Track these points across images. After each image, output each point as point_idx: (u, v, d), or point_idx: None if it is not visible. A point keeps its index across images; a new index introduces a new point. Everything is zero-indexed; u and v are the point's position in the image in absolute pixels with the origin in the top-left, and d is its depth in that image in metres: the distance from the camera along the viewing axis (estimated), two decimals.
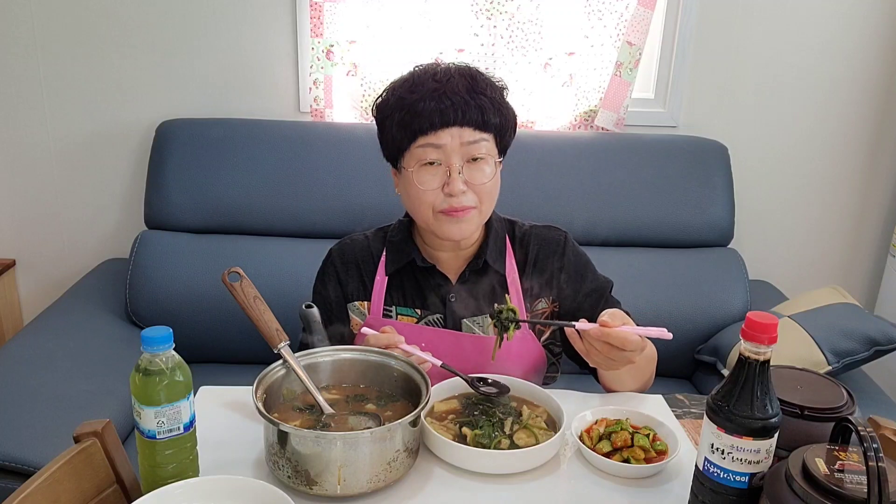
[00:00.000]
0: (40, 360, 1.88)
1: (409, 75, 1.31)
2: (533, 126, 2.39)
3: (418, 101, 1.24)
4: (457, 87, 1.24)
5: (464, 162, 1.26)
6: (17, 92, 2.38)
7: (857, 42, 2.41)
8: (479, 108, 1.25)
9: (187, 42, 2.35)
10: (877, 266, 2.67)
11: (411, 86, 1.27)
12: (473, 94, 1.25)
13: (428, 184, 1.26)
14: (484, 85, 1.27)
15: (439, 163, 1.26)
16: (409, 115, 1.25)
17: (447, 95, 1.23)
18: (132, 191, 2.46)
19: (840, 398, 0.94)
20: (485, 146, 1.27)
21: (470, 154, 1.26)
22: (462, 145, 1.25)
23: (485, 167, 1.28)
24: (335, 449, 0.96)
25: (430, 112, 1.23)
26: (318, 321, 1.26)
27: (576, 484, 1.06)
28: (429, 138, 1.25)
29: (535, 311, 1.39)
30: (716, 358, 2.10)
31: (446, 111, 1.23)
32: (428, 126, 1.24)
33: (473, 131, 1.25)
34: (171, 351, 0.94)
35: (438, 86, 1.24)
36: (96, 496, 0.96)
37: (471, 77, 1.27)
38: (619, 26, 2.27)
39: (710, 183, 2.30)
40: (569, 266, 1.40)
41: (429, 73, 1.27)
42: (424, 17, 2.26)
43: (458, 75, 1.27)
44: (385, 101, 1.31)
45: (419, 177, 1.27)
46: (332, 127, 2.31)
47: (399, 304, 1.38)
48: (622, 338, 1.13)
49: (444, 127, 1.24)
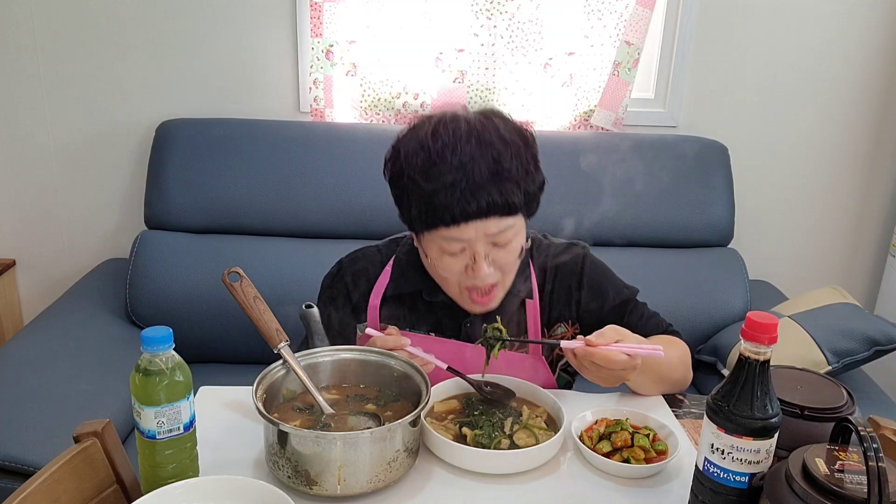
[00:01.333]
0: (40, 360, 1.88)
1: (422, 144, 1.15)
2: (533, 126, 2.39)
3: (436, 192, 1.12)
4: (479, 173, 1.11)
5: (490, 247, 1.18)
6: (17, 92, 2.38)
7: (857, 42, 2.41)
8: (504, 195, 1.13)
9: (187, 42, 2.35)
10: (877, 266, 2.67)
11: (426, 169, 1.13)
12: (498, 179, 1.13)
13: (451, 269, 1.20)
14: (509, 163, 1.14)
15: (463, 248, 1.18)
16: (427, 207, 1.14)
17: (469, 188, 1.11)
18: (132, 191, 2.46)
19: (840, 398, 0.94)
20: (512, 229, 1.18)
21: (496, 240, 1.18)
22: (487, 235, 1.16)
23: (511, 247, 1.20)
24: (335, 449, 0.96)
25: (451, 206, 1.12)
26: (318, 321, 1.26)
27: (576, 484, 1.06)
28: (452, 232, 1.15)
29: (555, 336, 1.35)
30: (716, 358, 2.10)
31: (468, 206, 1.12)
32: (449, 221, 1.14)
33: (499, 220, 1.15)
34: (171, 351, 0.94)
35: (458, 176, 1.11)
36: (96, 496, 0.96)
37: (494, 158, 1.13)
38: (618, 26, 2.27)
39: (710, 183, 2.30)
40: (587, 287, 1.35)
41: (446, 153, 1.12)
42: (424, 17, 2.26)
43: (479, 155, 1.12)
44: (397, 175, 1.19)
45: (441, 262, 1.20)
46: (332, 127, 2.31)
47: (411, 328, 1.34)
48: (605, 357, 1.11)
49: (466, 221, 1.13)
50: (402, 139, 1.21)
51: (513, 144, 1.16)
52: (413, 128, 1.20)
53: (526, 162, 1.18)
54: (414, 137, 1.18)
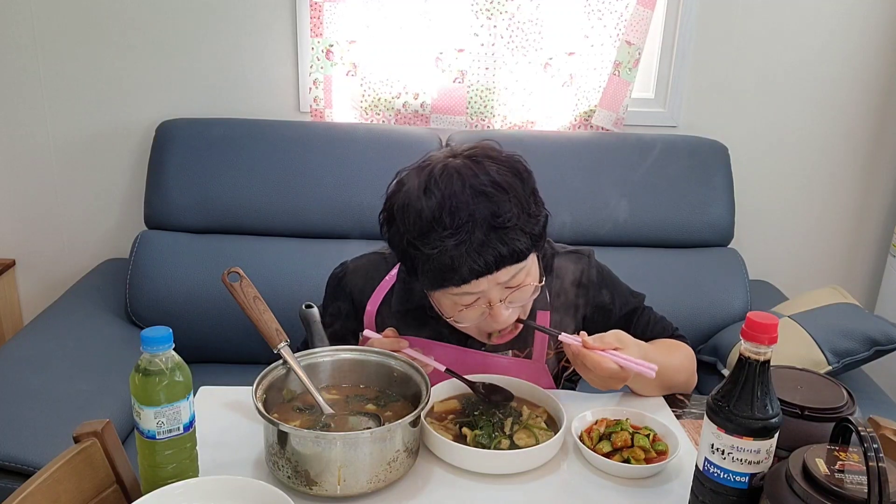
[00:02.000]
0: (40, 360, 1.88)
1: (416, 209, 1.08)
2: (533, 126, 2.39)
3: (439, 256, 1.08)
4: (480, 229, 1.06)
5: (504, 292, 1.14)
6: (17, 92, 2.38)
7: (856, 42, 2.41)
8: (508, 244, 1.08)
9: (187, 42, 2.35)
10: (877, 266, 2.66)
11: (426, 234, 1.08)
12: (501, 230, 1.07)
13: (468, 319, 1.16)
14: (510, 212, 1.08)
15: (477, 298, 1.14)
16: (433, 271, 1.09)
17: (473, 247, 1.06)
18: (132, 191, 2.46)
19: (840, 398, 0.94)
20: (524, 273, 1.14)
21: (509, 285, 1.13)
22: (499, 284, 1.12)
23: (526, 286, 1.16)
24: (335, 449, 0.96)
25: (458, 268, 1.07)
26: (317, 321, 1.26)
27: (576, 484, 1.06)
28: (462, 289, 1.11)
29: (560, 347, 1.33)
30: (716, 358, 2.10)
31: (475, 264, 1.07)
32: (460, 280, 1.09)
33: (509, 269, 1.10)
34: (170, 351, 0.94)
35: (460, 238, 1.06)
36: (96, 496, 0.96)
37: (492, 212, 1.07)
38: (618, 26, 2.27)
39: (710, 183, 2.30)
40: (594, 297, 1.34)
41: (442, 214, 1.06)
42: (424, 17, 2.26)
43: (478, 211, 1.06)
44: (396, 240, 1.14)
45: (459, 318, 1.16)
46: (332, 127, 2.31)
47: None
48: (595, 362, 1.11)
49: (476, 278, 1.09)
50: (393, 198, 1.14)
51: (510, 189, 1.10)
52: (401, 183, 1.14)
53: (526, 204, 1.12)
54: (406, 198, 1.11)
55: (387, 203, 1.16)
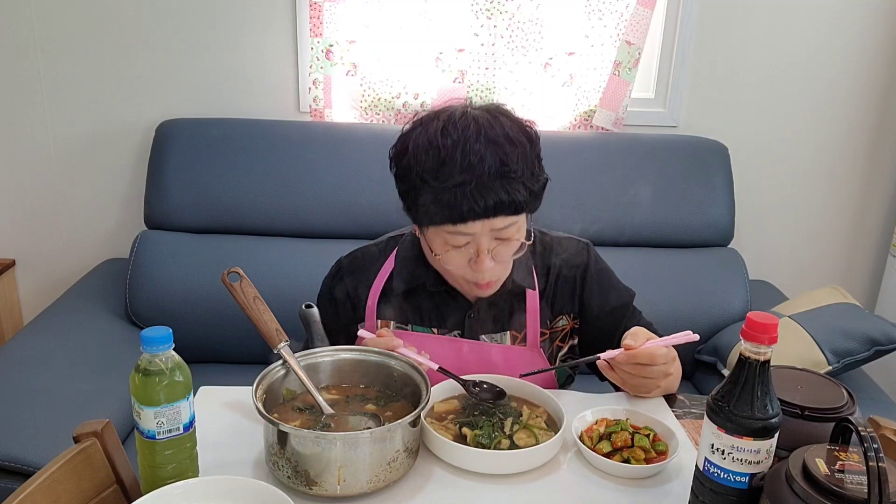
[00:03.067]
0: (40, 360, 1.88)
1: (432, 143, 1.16)
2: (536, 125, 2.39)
3: (445, 191, 1.14)
4: (487, 173, 1.14)
5: (493, 242, 1.20)
6: (17, 92, 2.38)
7: (857, 42, 2.41)
8: (510, 194, 1.15)
9: (187, 42, 2.35)
10: (877, 266, 2.67)
11: (436, 168, 1.15)
12: (506, 179, 1.15)
13: (455, 262, 1.22)
14: (516, 164, 1.16)
15: (467, 242, 1.20)
16: (435, 205, 1.16)
17: (477, 187, 1.13)
18: (132, 191, 2.46)
19: (840, 398, 0.93)
20: (515, 227, 1.20)
21: (500, 235, 1.20)
22: (492, 231, 1.19)
23: (513, 243, 1.22)
24: (335, 449, 0.96)
25: (459, 205, 1.14)
26: (317, 321, 1.26)
27: (576, 484, 1.06)
28: (458, 228, 1.17)
29: (556, 328, 1.37)
30: (716, 358, 2.10)
31: (477, 205, 1.14)
32: (458, 218, 1.16)
33: (504, 218, 1.17)
34: (170, 351, 0.94)
35: (467, 177, 1.13)
36: (96, 496, 0.96)
37: (502, 159, 1.15)
38: (618, 26, 2.27)
39: (710, 183, 2.30)
40: (591, 282, 1.37)
41: (455, 153, 1.14)
42: (424, 17, 2.26)
43: (488, 155, 1.14)
44: (405, 172, 1.20)
45: (446, 257, 1.22)
46: (332, 127, 2.31)
47: (416, 323, 1.35)
48: (650, 354, 1.14)
49: (473, 219, 1.16)
50: (411, 134, 1.21)
51: (519, 144, 1.18)
52: (421, 123, 1.21)
53: (531, 162, 1.19)
54: (423, 134, 1.18)
55: (401, 139, 1.22)
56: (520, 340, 1.35)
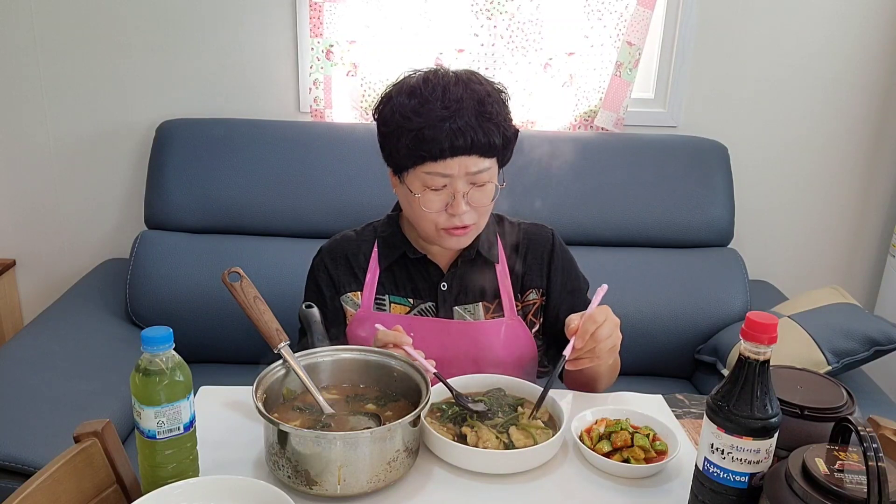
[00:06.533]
0: (40, 360, 1.88)
1: (414, 88, 1.27)
2: (533, 126, 2.39)
3: (426, 128, 1.23)
4: (466, 113, 1.23)
5: (468, 187, 1.27)
6: (17, 92, 2.38)
7: (856, 42, 2.41)
8: (486, 135, 1.24)
9: (187, 42, 2.35)
10: (877, 266, 2.67)
11: (418, 107, 1.24)
12: (482, 119, 1.24)
13: (433, 206, 1.28)
14: (492, 107, 1.26)
15: (444, 185, 1.27)
16: (416, 142, 1.24)
17: (457, 124, 1.22)
18: (132, 191, 2.46)
19: (840, 398, 0.94)
20: (488, 172, 1.28)
21: (475, 180, 1.27)
22: (467, 174, 1.26)
23: (487, 190, 1.30)
24: (335, 449, 0.96)
25: (439, 140, 1.22)
26: (318, 321, 1.27)
27: (576, 484, 1.06)
28: (437, 166, 1.25)
29: (527, 301, 1.42)
30: (716, 358, 2.09)
31: (456, 141, 1.22)
32: (437, 154, 1.24)
33: (479, 159, 1.26)
34: (171, 351, 0.94)
35: (447, 113, 1.22)
36: (96, 496, 0.96)
37: (479, 100, 1.25)
38: (618, 26, 2.27)
39: (710, 183, 2.30)
40: (557, 260, 1.44)
41: (437, 93, 1.24)
42: (424, 17, 2.26)
43: (467, 98, 1.24)
44: (388, 115, 1.29)
45: (424, 200, 1.28)
46: (332, 127, 2.31)
47: (392, 293, 1.41)
48: (591, 318, 1.20)
49: (452, 156, 1.24)
50: (394, 87, 1.31)
51: (494, 93, 1.29)
52: (404, 78, 1.31)
53: (505, 111, 1.30)
54: (405, 83, 1.29)
55: (387, 90, 1.32)
56: (492, 311, 1.40)
